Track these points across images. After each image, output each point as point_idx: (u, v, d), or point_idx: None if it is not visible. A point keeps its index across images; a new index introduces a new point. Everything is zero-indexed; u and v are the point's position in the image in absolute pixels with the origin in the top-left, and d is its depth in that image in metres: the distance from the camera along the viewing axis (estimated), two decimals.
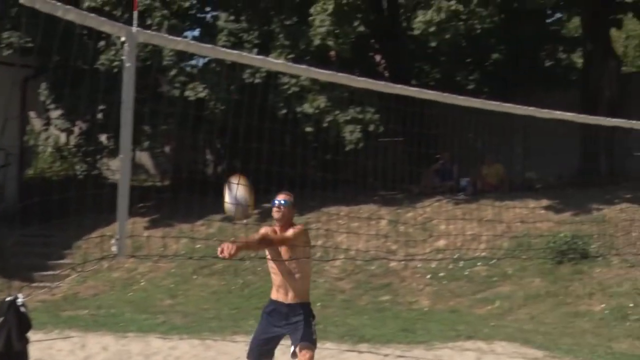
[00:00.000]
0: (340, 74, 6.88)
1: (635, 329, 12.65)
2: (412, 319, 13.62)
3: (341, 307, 14.87)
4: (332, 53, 18.59)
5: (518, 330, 12.70)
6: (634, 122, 11.79)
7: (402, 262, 16.11)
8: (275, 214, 7.24)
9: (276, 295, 7.26)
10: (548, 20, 23.31)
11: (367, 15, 18.52)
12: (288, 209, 7.24)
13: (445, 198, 18.55)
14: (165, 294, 16.32)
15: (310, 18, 17.59)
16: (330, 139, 17.45)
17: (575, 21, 23.97)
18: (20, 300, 4.75)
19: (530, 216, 16.83)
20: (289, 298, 7.18)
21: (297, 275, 7.13)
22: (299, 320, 7.14)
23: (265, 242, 7.21)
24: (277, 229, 7.26)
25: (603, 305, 13.59)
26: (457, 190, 18.90)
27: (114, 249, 5.52)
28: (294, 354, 7.05)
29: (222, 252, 6.24)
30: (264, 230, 7.43)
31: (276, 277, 7.23)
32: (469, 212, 17.29)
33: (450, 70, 22.42)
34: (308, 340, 7.06)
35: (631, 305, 13.41)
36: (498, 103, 8.35)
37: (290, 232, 7.07)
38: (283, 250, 7.22)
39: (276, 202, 7.23)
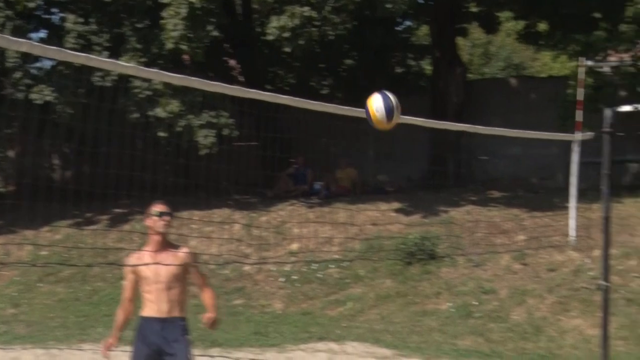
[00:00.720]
0: (193, 78, 6.75)
1: (479, 326, 12.96)
2: (265, 322, 13.61)
3: (193, 311, 14.67)
4: (186, 57, 18.46)
5: (369, 330, 12.83)
6: (479, 127, 12.16)
7: (256, 266, 16.03)
8: (162, 226, 6.89)
9: (148, 311, 6.96)
10: (398, 28, 23.62)
11: (221, 19, 18.37)
12: (171, 220, 6.96)
13: (299, 202, 18.63)
14: (8, 302, 15.69)
15: (163, 22, 17.28)
16: (183, 143, 17.27)
17: (425, 29, 24.51)
18: None
19: (382, 218, 17.06)
20: (164, 312, 6.93)
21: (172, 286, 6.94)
22: (177, 340, 6.98)
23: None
24: (149, 248, 6.95)
25: (449, 304, 13.85)
26: (311, 193, 19.02)
27: None
28: None
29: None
30: (131, 277, 7.07)
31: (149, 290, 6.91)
32: (322, 215, 17.51)
33: (304, 75, 22.55)
34: None
35: (475, 303, 13.73)
36: (350, 108, 8.45)
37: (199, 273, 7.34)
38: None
39: (160, 213, 6.92)
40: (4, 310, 15.14)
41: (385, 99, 6.31)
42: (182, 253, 7.01)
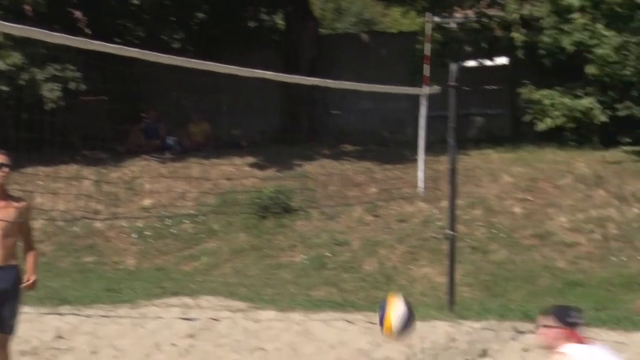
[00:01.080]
0: (35, 29, 6.58)
1: (332, 276, 13.15)
2: (117, 279, 13.40)
3: (41, 269, 14.35)
4: (27, 7, 17.82)
5: (223, 284, 12.81)
6: (330, 81, 12.27)
7: (107, 222, 15.84)
8: (1, 177, 6.74)
9: None
10: None
11: None
12: (10, 172, 6.85)
13: (151, 157, 18.37)
14: None
15: None
16: (27, 97, 16.83)
17: None
18: None
19: (236, 173, 17.05)
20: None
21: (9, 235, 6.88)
22: (10, 289, 6.89)
23: None
24: None
25: (303, 256, 14.00)
26: (163, 148, 18.82)
27: None
28: None
29: None
30: None
31: None
32: (175, 171, 17.36)
33: (155, 28, 22.10)
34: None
35: (329, 255, 13.92)
36: (202, 62, 8.47)
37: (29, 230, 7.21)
38: None
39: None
40: None
41: (410, 318, 5.88)
42: (20, 204, 7.01)
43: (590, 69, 15.41)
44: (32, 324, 10.01)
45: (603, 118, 15.87)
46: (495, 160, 16.23)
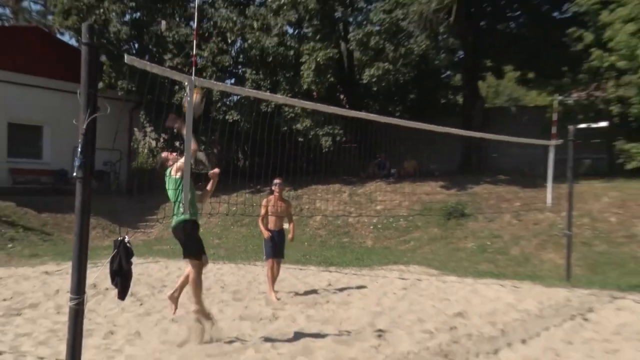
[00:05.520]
0: (319, 104, 6.97)
1: (490, 257, 12.91)
2: (361, 252, 13.75)
3: (319, 245, 15.06)
4: (315, 93, 18.61)
5: (424, 259, 12.88)
6: (491, 135, 12.06)
7: (356, 218, 16.19)
8: (278, 190, 8.35)
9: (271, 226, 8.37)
10: (443, 76, 23.33)
11: (335, 70, 18.54)
12: (283, 187, 8.49)
13: (381, 180, 18.60)
14: (215, 236, 16.34)
15: (301, 72, 17.56)
16: (312, 144, 17.32)
17: (458, 77, 24.07)
18: (127, 239, 4.72)
19: (432, 191, 16.96)
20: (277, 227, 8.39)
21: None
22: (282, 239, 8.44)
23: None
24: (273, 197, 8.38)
25: (472, 244, 13.82)
26: (389, 175, 18.98)
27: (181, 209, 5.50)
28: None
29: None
30: (263, 210, 8.47)
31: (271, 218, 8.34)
32: (395, 189, 17.47)
33: (385, 104, 22.31)
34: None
35: (488, 243, 13.67)
36: (412, 122, 8.55)
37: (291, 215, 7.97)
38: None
39: (275, 182, 8.37)
40: (212, 240, 15.76)
41: None
42: (286, 204, 8.57)
43: None
44: (314, 276, 10.67)
45: None
46: (597, 187, 15.25)
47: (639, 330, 6.92)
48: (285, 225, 8.63)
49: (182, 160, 5.70)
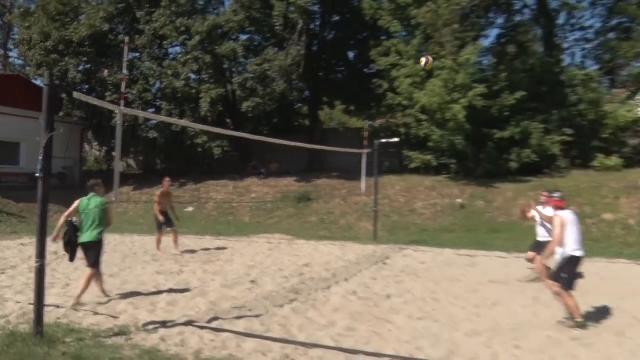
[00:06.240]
0: (212, 127, 6.53)
1: (326, 227, 12.52)
2: (241, 226, 12.91)
3: (212, 222, 14.00)
4: (209, 118, 17.35)
5: (283, 230, 12.48)
6: (326, 147, 12.42)
7: (238, 203, 14.93)
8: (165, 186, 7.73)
9: None
10: (295, 107, 22.36)
11: (224, 103, 17.45)
12: (169, 183, 7.94)
13: (255, 178, 17.66)
14: (139, 217, 14.42)
15: (200, 104, 16.42)
16: (207, 154, 16.38)
17: (306, 107, 23.09)
18: (74, 221, 4.81)
19: (289, 184, 16.15)
20: None
21: None
22: None
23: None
24: None
25: (315, 219, 13.29)
26: (260, 174, 18.11)
27: (112, 198, 5.58)
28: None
29: None
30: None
31: None
32: (264, 184, 16.59)
33: (257, 126, 20.04)
34: None
35: (325, 218, 13.22)
36: (276, 139, 8.46)
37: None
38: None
39: (165, 180, 7.82)
40: (138, 220, 14.14)
41: None
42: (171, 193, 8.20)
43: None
44: (209, 243, 10.14)
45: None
46: (393, 180, 14.98)
47: (415, 268, 7.62)
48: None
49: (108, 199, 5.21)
